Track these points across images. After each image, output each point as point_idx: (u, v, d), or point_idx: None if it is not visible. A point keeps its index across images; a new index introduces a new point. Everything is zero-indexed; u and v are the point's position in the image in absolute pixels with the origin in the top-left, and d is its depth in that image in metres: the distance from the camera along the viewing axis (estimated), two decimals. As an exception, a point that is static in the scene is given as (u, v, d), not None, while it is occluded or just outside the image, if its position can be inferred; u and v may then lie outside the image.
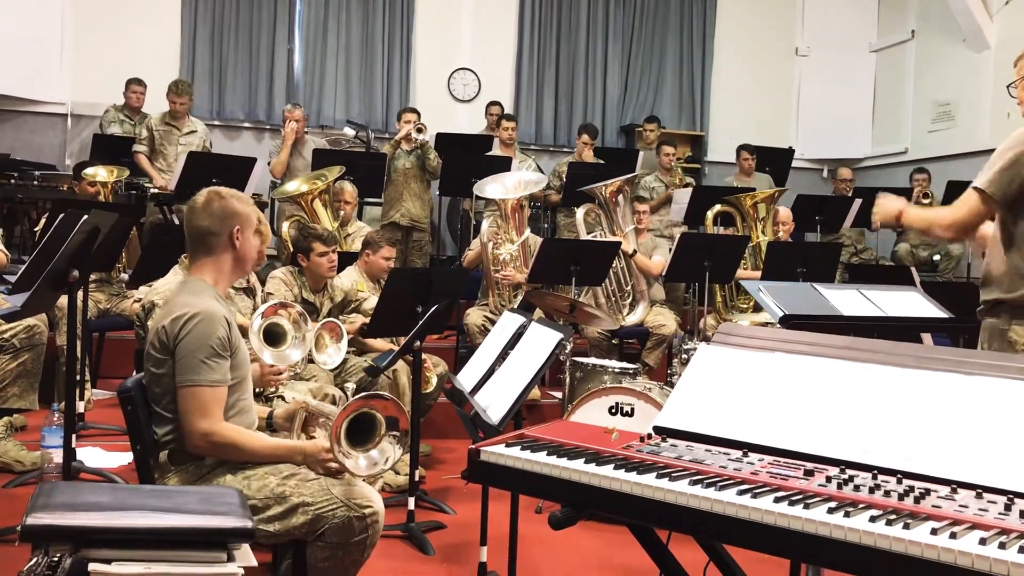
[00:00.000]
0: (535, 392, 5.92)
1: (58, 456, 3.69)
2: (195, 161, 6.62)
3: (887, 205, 3.25)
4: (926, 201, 8.28)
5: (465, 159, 7.36)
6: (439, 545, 3.82)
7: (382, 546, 3.72)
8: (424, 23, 9.61)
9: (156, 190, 7.20)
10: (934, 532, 1.51)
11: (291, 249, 5.18)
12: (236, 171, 6.65)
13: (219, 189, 2.75)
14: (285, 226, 6.22)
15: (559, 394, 5.30)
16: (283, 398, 3.59)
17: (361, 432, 2.46)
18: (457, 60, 9.72)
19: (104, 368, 5.81)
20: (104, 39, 8.65)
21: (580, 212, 6.38)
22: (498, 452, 2.03)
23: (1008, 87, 3.17)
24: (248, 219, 2.71)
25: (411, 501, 3.91)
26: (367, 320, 4.55)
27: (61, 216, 3.29)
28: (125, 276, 5.58)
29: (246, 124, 9.23)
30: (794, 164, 9.64)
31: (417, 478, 4.08)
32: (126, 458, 4.25)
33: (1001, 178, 2.85)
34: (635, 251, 6.20)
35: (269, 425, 2.87)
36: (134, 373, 2.80)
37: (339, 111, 9.31)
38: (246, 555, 1.89)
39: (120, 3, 8.78)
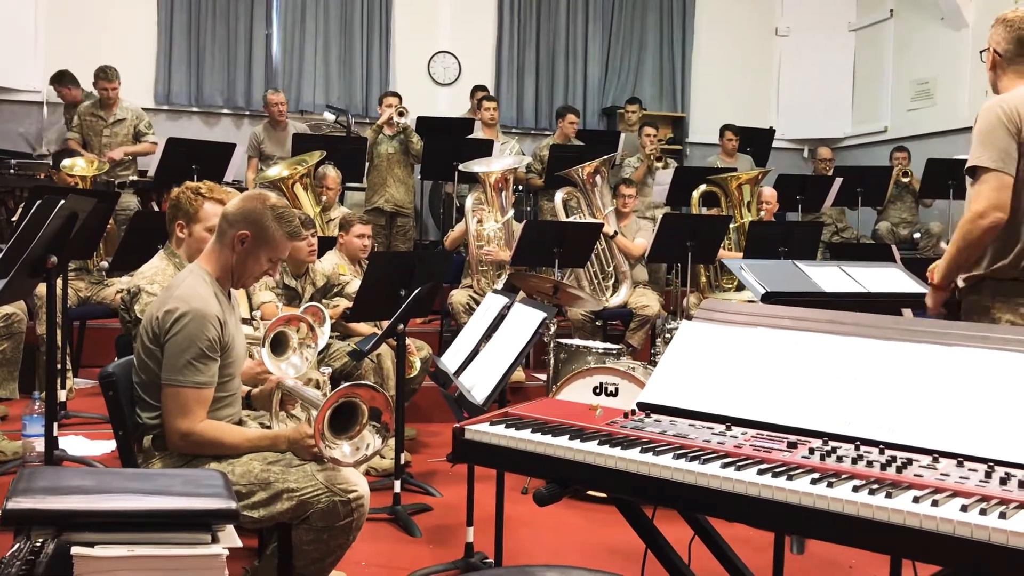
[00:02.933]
0: (520, 374, 5.93)
1: (40, 445, 3.66)
2: (174, 147, 6.56)
3: (930, 299, 3.13)
4: (905, 180, 8.34)
5: (447, 142, 7.33)
6: (425, 527, 3.83)
7: (369, 529, 3.72)
8: (403, 6, 9.54)
9: (135, 178, 7.13)
10: (916, 500, 1.53)
11: None
12: (215, 158, 6.61)
13: (276, 200, 2.65)
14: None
15: (544, 376, 5.30)
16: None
17: (343, 419, 2.44)
18: (437, 43, 9.67)
19: (86, 357, 5.78)
20: (79, 26, 8.54)
21: (558, 196, 6.38)
22: (483, 431, 2.03)
23: (981, 53, 3.14)
24: (268, 238, 2.59)
25: (397, 484, 3.91)
26: (350, 304, 4.53)
27: (38, 202, 3.25)
28: (105, 264, 5.54)
29: (225, 110, 9.15)
30: (775, 144, 9.67)
31: (403, 462, 4.08)
32: (109, 446, 4.22)
33: (996, 153, 2.81)
34: (616, 232, 6.21)
35: (249, 404, 2.85)
36: (116, 360, 2.77)
37: (319, 96, 9.24)
38: (230, 536, 1.89)
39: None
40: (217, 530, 1.85)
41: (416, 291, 3.77)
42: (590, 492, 4.16)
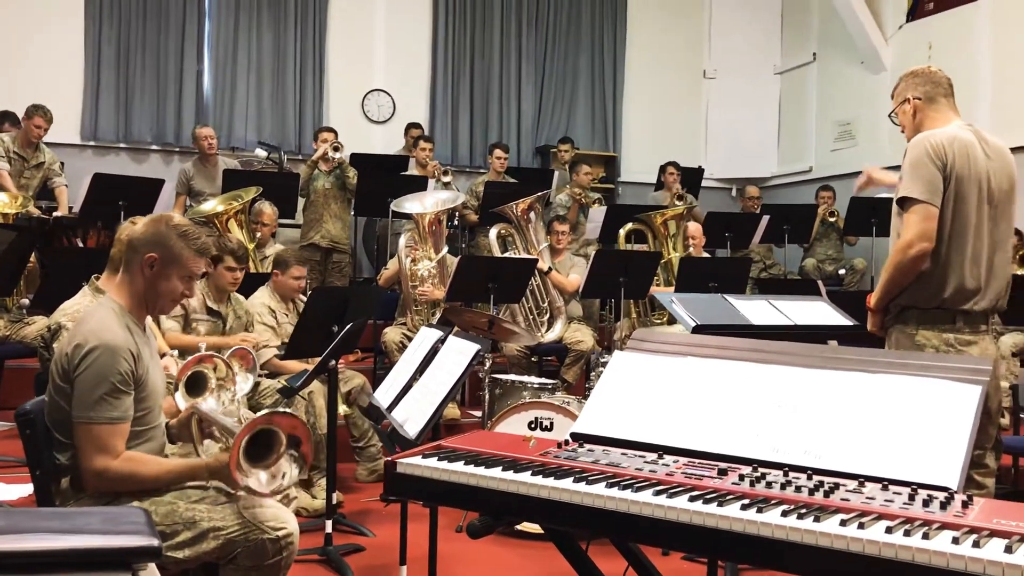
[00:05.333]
0: (455, 412, 5.89)
1: (-48, 489, 3.50)
2: (100, 183, 6.42)
3: (870, 322, 3.19)
4: (832, 219, 8.57)
5: (381, 179, 7.32)
6: (358, 568, 3.75)
7: (300, 570, 3.64)
8: (337, 44, 9.54)
9: (59, 214, 6.94)
10: (843, 523, 1.55)
11: None
12: (143, 193, 6.48)
13: (181, 222, 2.60)
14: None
15: (479, 413, 5.28)
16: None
17: (261, 447, 2.37)
18: (371, 82, 9.68)
19: (4, 398, 5.56)
20: (2, 61, 8.35)
21: (493, 232, 6.41)
22: (415, 463, 2.01)
23: (890, 115, 3.31)
24: (175, 256, 2.54)
25: (328, 524, 3.83)
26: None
27: (-47, 236, 3.14)
28: (26, 301, 5.37)
29: (154, 147, 8.99)
30: (704, 183, 9.87)
31: (335, 501, 4.01)
32: (28, 489, 4.06)
33: (925, 186, 2.92)
34: (550, 268, 6.25)
35: (169, 437, 2.76)
36: (35, 399, 2.67)
37: (251, 132, 9.15)
38: (152, 575, 1.82)
39: (19, 22, 8.49)
40: (138, 569, 1.78)
41: (348, 326, 3.73)
42: (525, 528, 4.13)
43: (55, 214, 6.89)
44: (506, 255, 6.25)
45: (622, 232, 6.91)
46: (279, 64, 9.31)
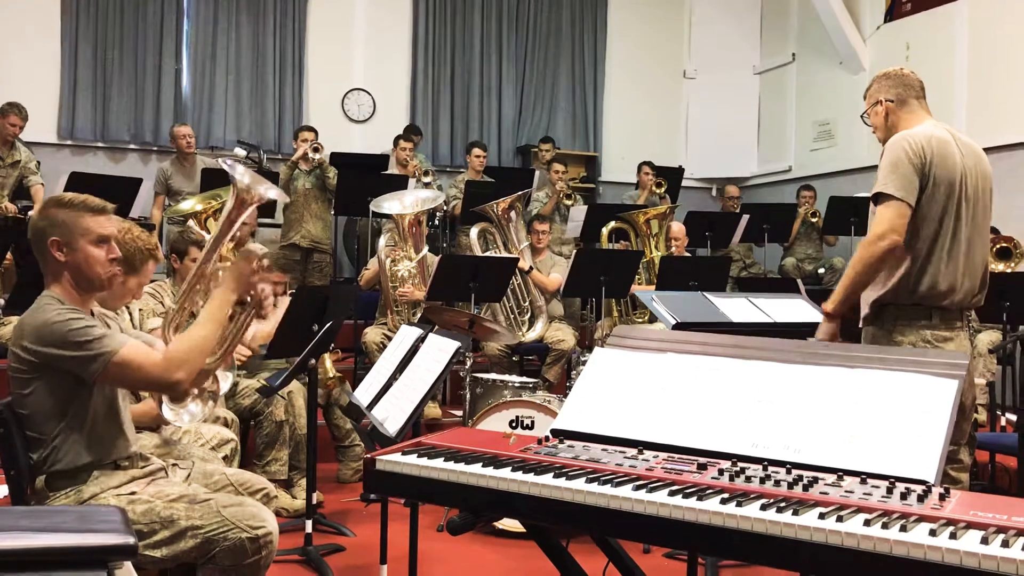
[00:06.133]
0: (436, 411, 5.88)
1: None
2: (77, 182, 6.36)
3: (821, 329, 3.20)
4: (814, 219, 8.62)
5: (361, 179, 7.29)
6: (338, 568, 3.74)
7: (280, 571, 3.63)
8: (316, 43, 9.51)
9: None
10: (822, 516, 1.56)
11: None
12: (121, 193, 6.42)
13: (63, 195, 2.53)
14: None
15: (460, 413, 5.27)
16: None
17: None
18: (351, 81, 9.65)
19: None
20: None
21: (474, 231, 6.40)
22: (394, 460, 2.00)
23: (862, 116, 3.34)
24: (72, 228, 2.44)
25: (308, 524, 3.81)
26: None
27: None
28: (0, 301, 5.31)
29: (132, 146, 8.92)
30: (684, 183, 9.90)
31: (315, 501, 3.99)
32: (2, 492, 4.02)
33: (903, 183, 2.95)
34: (531, 268, 6.25)
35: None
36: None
37: (230, 132, 9.10)
38: (128, 573, 1.80)
39: (-6, 20, 8.41)
40: (114, 567, 1.76)
41: (328, 324, 3.71)
42: (506, 527, 4.13)
43: (30, 213, 6.82)
44: (487, 254, 6.24)
45: (605, 230, 6.92)
46: (258, 62, 9.26)
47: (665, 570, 3.71)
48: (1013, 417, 5.12)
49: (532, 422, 4.23)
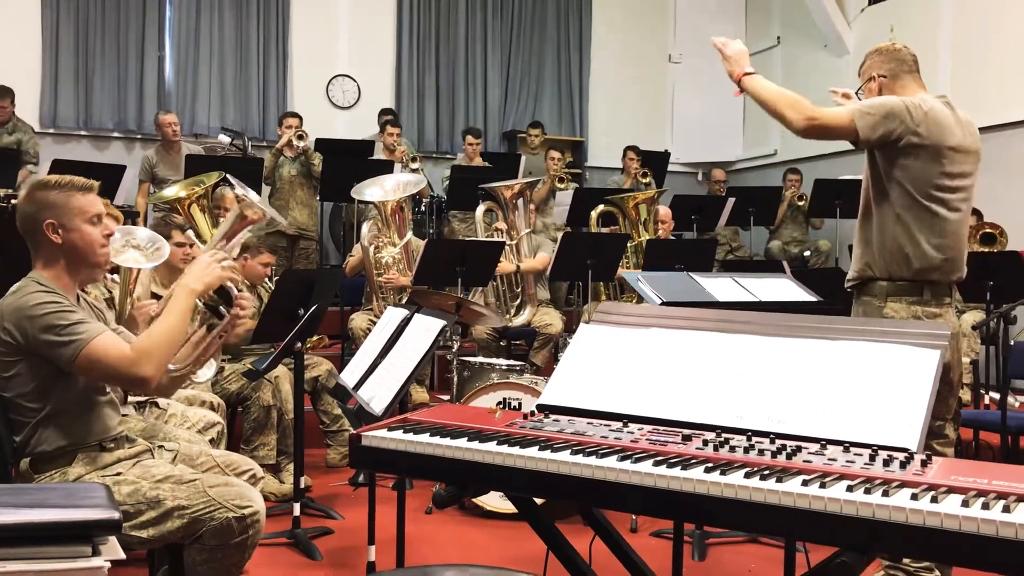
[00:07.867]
0: (423, 395, 5.87)
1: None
2: (60, 170, 6.31)
3: (734, 61, 3.38)
4: (801, 203, 8.64)
5: (346, 165, 7.26)
6: (326, 550, 3.74)
7: (268, 553, 3.63)
8: (300, 29, 9.46)
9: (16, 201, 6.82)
10: (805, 483, 1.57)
11: None
12: (104, 180, 6.34)
13: (47, 177, 2.53)
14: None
15: (448, 397, 5.27)
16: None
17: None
18: (336, 67, 9.61)
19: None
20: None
21: (480, 210, 6.37)
22: (380, 436, 2.00)
23: (856, 92, 3.34)
24: (66, 209, 2.46)
25: (296, 507, 3.82)
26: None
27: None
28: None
29: (115, 134, 8.86)
30: (670, 167, 9.90)
31: (303, 485, 3.99)
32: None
33: (873, 120, 2.99)
34: (518, 267, 6.22)
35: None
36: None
37: (214, 119, 9.05)
38: (113, 549, 1.79)
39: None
40: (99, 542, 1.76)
41: (313, 308, 3.71)
42: (494, 508, 4.14)
43: (13, 202, 6.78)
44: (488, 236, 6.21)
45: (594, 214, 6.93)
46: (242, 49, 9.20)
47: (652, 549, 3.73)
48: (996, 395, 5.16)
49: (519, 404, 4.23)
